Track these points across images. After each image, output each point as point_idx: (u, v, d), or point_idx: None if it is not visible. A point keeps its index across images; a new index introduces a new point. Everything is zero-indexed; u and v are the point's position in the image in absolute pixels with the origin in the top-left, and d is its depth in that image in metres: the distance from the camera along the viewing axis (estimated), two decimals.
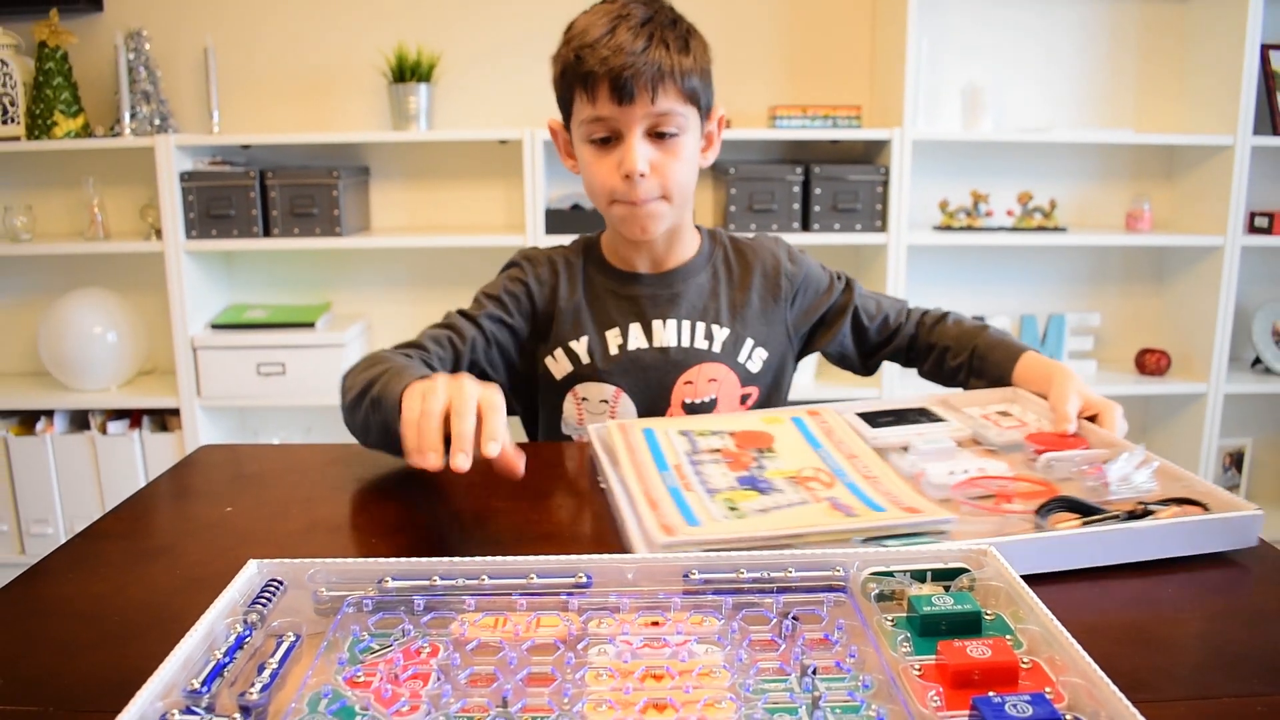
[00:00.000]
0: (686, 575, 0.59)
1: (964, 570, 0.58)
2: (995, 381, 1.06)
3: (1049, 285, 2.52)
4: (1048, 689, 0.47)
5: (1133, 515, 0.70)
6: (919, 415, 0.96)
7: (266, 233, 2.20)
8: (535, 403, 1.17)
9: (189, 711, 0.46)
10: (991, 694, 0.45)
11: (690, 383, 1.10)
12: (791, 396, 2.28)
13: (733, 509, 0.73)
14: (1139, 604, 0.65)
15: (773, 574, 0.58)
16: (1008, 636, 0.52)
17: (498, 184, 2.41)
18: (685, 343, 1.10)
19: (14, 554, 2.27)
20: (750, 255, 1.16)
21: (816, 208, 2.21)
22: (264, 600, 0.56)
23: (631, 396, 1.09)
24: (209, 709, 0.46)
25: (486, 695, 0.47)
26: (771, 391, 1.16)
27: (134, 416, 2.30)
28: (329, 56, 2.35)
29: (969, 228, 2.33)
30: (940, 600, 0.54)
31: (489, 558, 0.60)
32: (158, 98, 2.24)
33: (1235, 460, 2.51)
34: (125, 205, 2.34)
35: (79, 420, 2.29)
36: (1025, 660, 0.50)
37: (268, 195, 2.18)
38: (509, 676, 0.49)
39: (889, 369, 2.27)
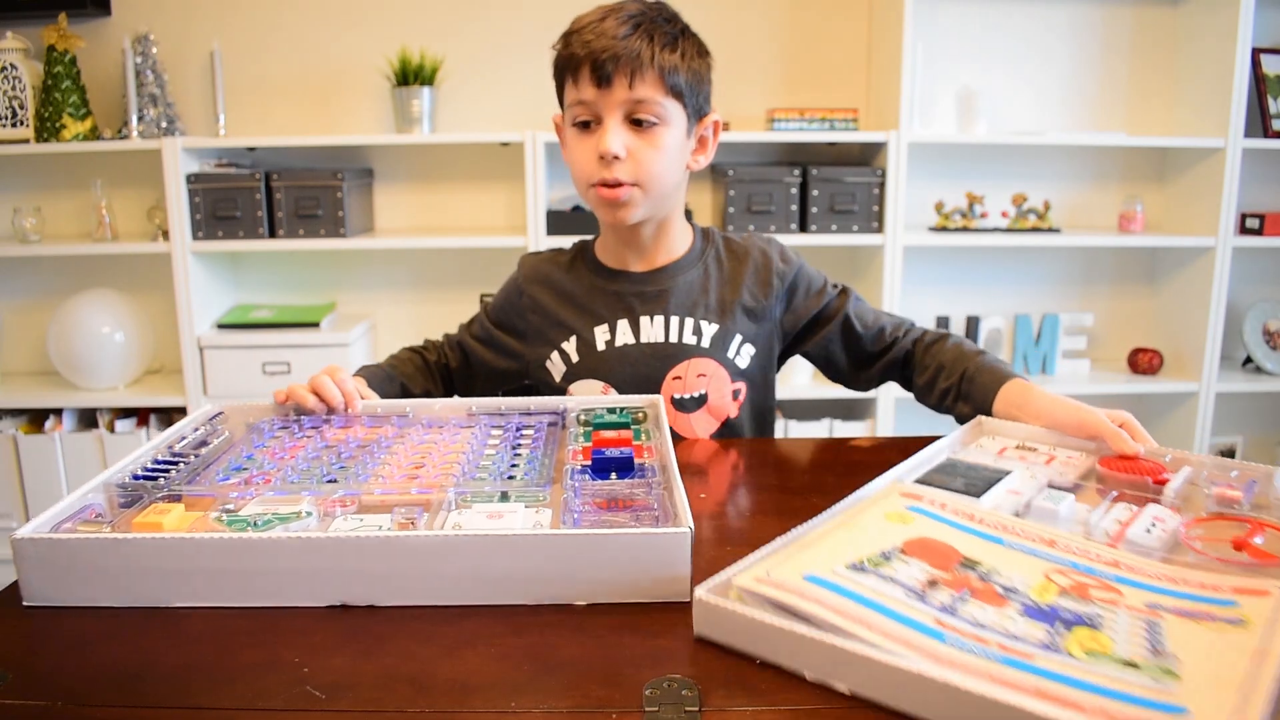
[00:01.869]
0: (470, 410, 0.98)
1: (640, 409, 0.97)
2: (979, 406, 1.00)
3: (1043, 285, 2.55)
4: (645, 453, 0.83)
5: None
6: (971, 471, 0.81)
7: (272, 234, 2.23)
8: None
9: (172, 452, 0.85)
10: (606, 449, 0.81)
11: (679, 378, 1.12)
12: (790, 396, 2.32)
13: (1131, 665, 0.52)
14: None
15: (520, 410, 0.98)
16: (643, 435, 0.89)
17: (500, 186, 2.44)
18: (673, 338, 1.12)
19: None
20: (742, 253, 1.16)
21: (814, 209, 2.24)
22: (211, 422, 0.96)
23: (620, 391, 1.12)
24: (179, 454, 0.84)
25: (328, 456, 0.85)
26: (761, 389, 1.17)
27: (141, 415, 2.33)
28: (333, 60, 2.38)
29: (964, 229, 2.37)
30: (610, 415, 0.93)
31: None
32: (165, 101, 2.27)
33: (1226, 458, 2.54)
34: (133, 207, 2.37)
35: (87, 419, 2.32)
36: (646, 445, 0.85)
37: (273, 197, 2.21)
38: (345, 451, 0.86)
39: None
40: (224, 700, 0.54)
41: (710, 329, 1.12)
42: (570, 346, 1.14)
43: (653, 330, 1.12)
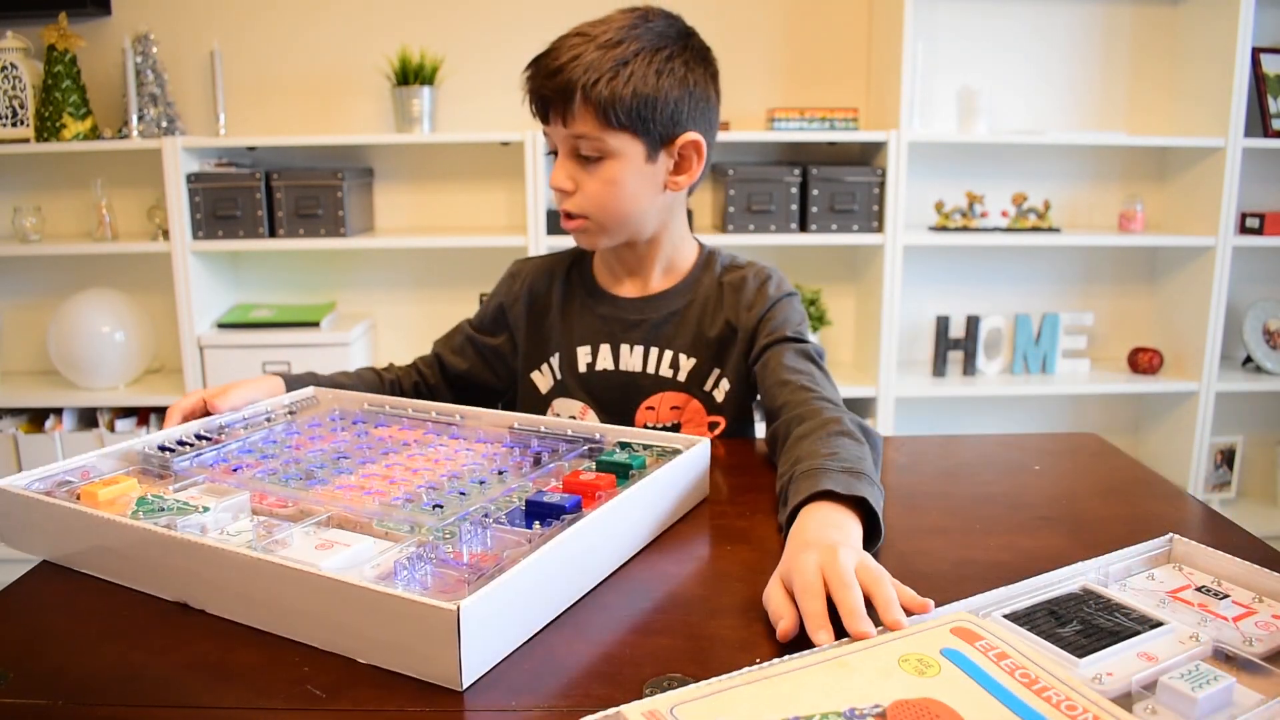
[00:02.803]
0: (511, 426, 0.91)
1: (678, 445, 0.84)
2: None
3: (1043, 285, 2.55)
4: (601, 501, 0.70)
5: None
6: (1107, 613, 0.58)
7: (272, 233, 2.23)
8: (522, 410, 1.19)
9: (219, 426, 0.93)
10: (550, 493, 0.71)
11: (652, 408, 1.11)
12: None
13: None
14: None
15: (556, 432, 0.90)
16: (629, 477, 0.77)
17: (500, 185, 2.44)
18: (650, 369, 1.10)
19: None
20: (729, 288, 1.11)
21: (814, 209, 2.24)
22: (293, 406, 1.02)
23: (597, 415, 1.12)
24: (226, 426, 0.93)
25: (344, 451, 0.86)
26: (740, 421, 1.13)
27: (141, 414, 2.33)
28: (334, 60, 2.38)
29: (964, 228, 2.37)
30: (619, 455, 0.81)
31: (416, 401, 1.00)
32: (165, 100, 2.27)
33: (1226, 458, 2.55)
34: (133, 206, 2.37)
35: (87, 418, 2.33)
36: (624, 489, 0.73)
37: (273, 196, 2.21)
38: (361, 446, 0.88)
39: (888, 361, 2.30)
40: (224, 700, 0.54)
41: (688, 363, 1.10)
42: (555, 362, 1.14)
43: (632, 359, 1.11)
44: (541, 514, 0.68)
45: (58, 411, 2.29)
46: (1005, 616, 0.57)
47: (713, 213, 2.41)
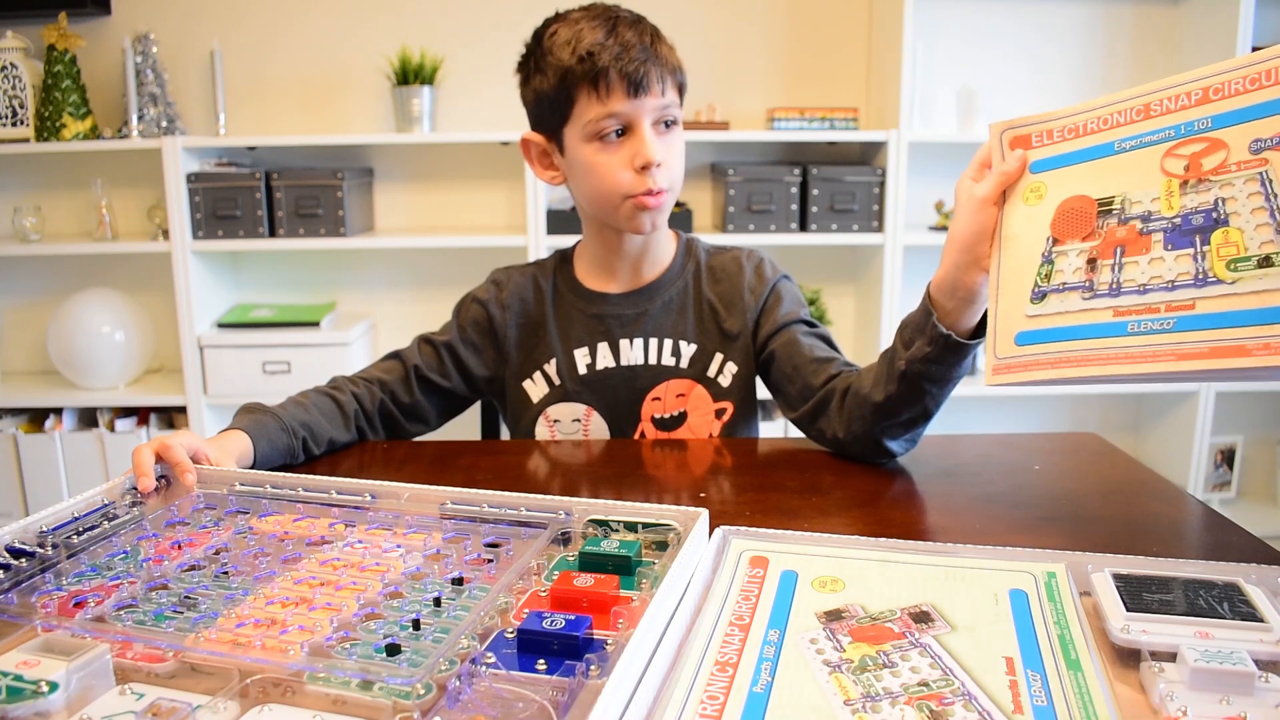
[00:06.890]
0: (443, 504, 0.71)
1: (669, 527, 0.65)
2: (922, 329, 0.87)
3: None
4: (621, 620, 0.53)
5: None
6: (1216, 596, 0.57)
7: (272, 233, 2.23)
8: (510, 419, 1.18)
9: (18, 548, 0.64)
10: (547, 611, 0.52)
11: (658, 399, 1.11)
12: None
13: (1267, 262, 0.61)
14: None
15: (508, 510, 0.69)
16: (645, 580, 0.59)
17: (500, 185, 2.44)
18: (652, 360, 1.11)
19: None
20: (721, 269, 1.13)
21: (814, 208, 2.24)
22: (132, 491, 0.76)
23: (601, 414, 1.12)
24: (52, 546, 0.65)
25: (221, 560, 0.64)
26: (746, 405, 1.14)
27: (141, 414, 2.33)
28: (334, 60, 2.38)
29: None
30: (607, 544, 0.61)
31: (311, 476, 0.76)
32: (165, 100, 2.27)
33: (1226, 458, 2.55)
34: (133, 206, 2.37)
35: (87, 418, 2.32)
36: (635, 600, 0.56)
37: (273, 196, 2.21)
38: (246, 552, 0.65)
39: None
40: None
41: (689, 349, 1.11)
42: (551, 369, 1.12)
43: (632, 353, 1.11)
44: (547, 648, 0.50)
45: (58, 411, 2.29)
46: (1113, 575, 0.60)
47: (713, 212, 2.41)
